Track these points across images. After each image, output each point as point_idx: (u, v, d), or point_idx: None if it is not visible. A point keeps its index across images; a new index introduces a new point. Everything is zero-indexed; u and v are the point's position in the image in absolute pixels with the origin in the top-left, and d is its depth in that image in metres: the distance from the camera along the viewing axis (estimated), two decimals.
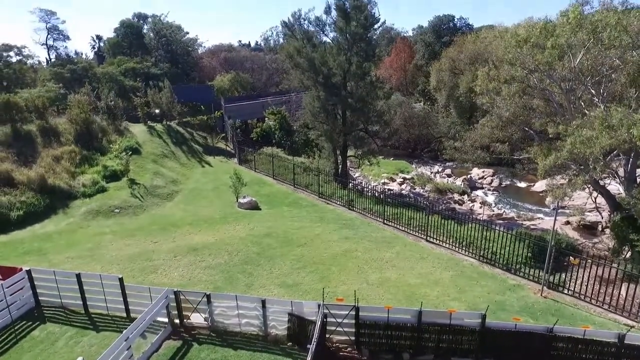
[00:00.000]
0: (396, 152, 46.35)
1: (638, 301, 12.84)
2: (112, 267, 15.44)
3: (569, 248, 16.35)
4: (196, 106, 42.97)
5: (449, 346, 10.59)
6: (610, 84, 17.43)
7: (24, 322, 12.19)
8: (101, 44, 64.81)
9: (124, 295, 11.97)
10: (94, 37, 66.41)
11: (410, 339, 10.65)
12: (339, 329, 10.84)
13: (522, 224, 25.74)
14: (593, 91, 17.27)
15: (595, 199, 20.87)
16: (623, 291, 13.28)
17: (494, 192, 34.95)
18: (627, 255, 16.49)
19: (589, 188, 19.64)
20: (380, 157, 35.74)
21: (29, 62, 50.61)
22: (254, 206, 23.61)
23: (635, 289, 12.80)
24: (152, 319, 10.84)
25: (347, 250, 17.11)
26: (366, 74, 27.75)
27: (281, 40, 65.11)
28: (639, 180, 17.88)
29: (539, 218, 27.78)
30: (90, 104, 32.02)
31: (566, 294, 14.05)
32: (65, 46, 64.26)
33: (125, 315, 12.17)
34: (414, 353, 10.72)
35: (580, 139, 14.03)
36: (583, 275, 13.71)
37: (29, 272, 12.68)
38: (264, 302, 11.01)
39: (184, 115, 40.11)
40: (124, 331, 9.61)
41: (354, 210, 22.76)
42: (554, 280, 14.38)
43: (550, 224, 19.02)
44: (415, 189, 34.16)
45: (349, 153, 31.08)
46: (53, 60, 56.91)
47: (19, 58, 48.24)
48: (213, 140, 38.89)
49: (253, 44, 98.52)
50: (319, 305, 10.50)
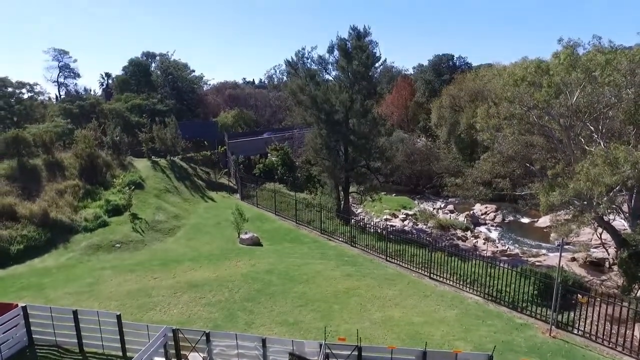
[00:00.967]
0: (398, 188, 46.41)
1: None
2: (111, 304, 15.14)
3: (576, 285, 16.00)
4: (200, 142, 43.55)
5: None
6: (608, 120, 17.68)
7: None
8: (110, 81, 66.63)
9: (121, 333, 11.66)
10: (103, 75, 68.34)
11: None
12: None
13: (527, 260, 25.35)
14: (592, 127, 17.52)
15: (600, 235, 20.65)
16: (637, 332, 12.86)
17: (498, 228, 34.65)
18: (638, 294, 16.11)
19: (593, 224, 19.49)
20: (383, 193, 35.75)
21: (39, 99, 51.86)
22: (256, 242, 23.42)
23: None
24: (149, 358, 10.51)
25: (350, 287, 16.79)
26: (368, 111, 28.24)
27: (285, 78, 66.76)
28: None
29: (543, 254, 27.38)
30: (96, 139, 32.50)
31: (576, 334, 13.60)
32: (75, 83, 66.07)
33: (121, 354, 11.81)
34: None
35: (586, 177, 14.07)
36: (593, 315, 13.32)
37: (24, 309, 12.41)
38: (264, 341, 10.70)
39: (187, 151, 40.58)
40: None
41: (356, 246, 22.52)
42: (562, 319, 13.98)
43: (555, 260, 18.74)
44: (417, 225, 33.91)
45: (351, 189, 31.15)
46: (63, 97, 58.38)
47: (30, 94, 49.54)
48: (216, 175, 39.13)
49: (257, 82, 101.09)
50: (321, 345, 10.21)
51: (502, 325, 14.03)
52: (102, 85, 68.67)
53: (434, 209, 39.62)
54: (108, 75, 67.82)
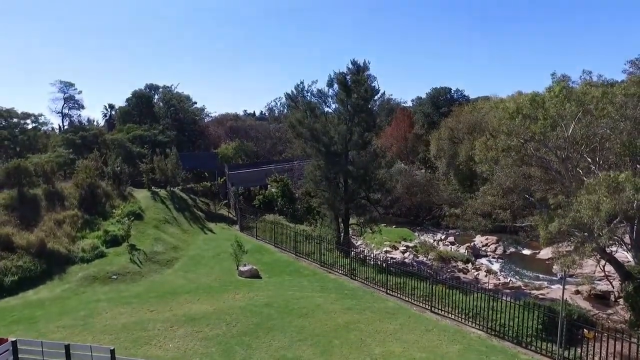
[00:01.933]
0: (398, 220, 46.23)
1: None
2: (105, 337, 14.75)
3: (581, 319, 15.65)
4: (200, 173, 43.74)
5: None
6: (604, 152, 17.87)
7: None
8: (113, 112, 67.66)
9: None
10: (107, 106, 69.47)
11: None
12: None
13: (530, 293, 24.92)
14: (589, 159, 17.67)
15: (603, 267, 20.43)
16: None
17: (499, 260, 34.27)
18: None
19: (595, 256, 19.30)
20: (383, 225, 35.60)
21: (43, 129, 52.56)
22: (255, 274, 23.11)
23: None
24: None
25: (350, 321, 16.43)
26: (367, 144, 28.54)
27: (285, 110, 67.94)
28: None
29: (546, 287, 26.96)
30: (97, 169, 32.69)
31: None
32: (79, 114, 66.98)
33: None
34: None
35: (584, 204, 14.06)
36: (601, 351, 12.96)
37: (14, 343, 12.03)
38: None
39: (187, 182, 40.69)
40: None
41: (356, 279, 22.20)
42: (569, 355, 13.59)
43: (559, 293, 18.41)
44: (418, 258, 33.56)
45: (351, 221, 31.03)
46: (66, 127, 59.10)
47: (34, 125, 50.20)
48: (216, 206, 39.07)
49: (258, 113, 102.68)
50: None
51: None
52: (105, 116, 69.71)
53: (435, 240, 39.32)
54: (111, 106, 68.97)
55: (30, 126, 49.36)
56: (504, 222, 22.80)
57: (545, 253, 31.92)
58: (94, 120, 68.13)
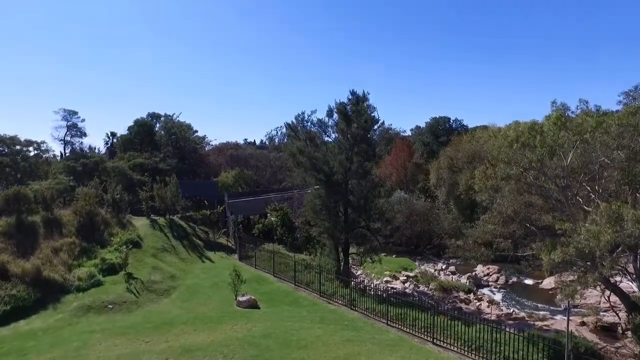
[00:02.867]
0: (398, 249, 45.81)
1: None
2: None
3: (589, 352, 15.26)
4: (200, 201, 43.68)
5: None
6: (603, 181, 17.94)
7: None
8: (114, 140, 68.33)
9: None
10: (109, 134, 70.31)
11: None
12: None
13: (534, 324, 24.37)
14: (588, 188, 17.72)
15: (608, 297, 20.07)
16: None
17: (501, 290, 33.73)
18: None
19: (600, 286, 19.01)
20: (383, 255, 35.21)
21: (44, 156, 52.86)
22: (253, 305, 22.67)
23: None
24: None
25: (349, 353, 15.98)
26: (367, 173, 28.66)
27: (285, 139, 68.58)
28: None
29: (550, 318, 26.37)
30: (96, 196, 32.66)
31: None
32: (81, 142, 67.64)
33: None
34: None
35: (585, 234, 14.00)
36: None
37: None
38: None
39: (187, 210, 40.58)
40: None
41: (356, 310, 21.76)
42: None
43: (563, 324, 18.05)
44: (419, 288, 33.04)
45: (351, 250, 30.77)
46: (67, 155, 59.50)
47: (36, 152, 50.56)
48: (215, 235, 38.79)
49: (258, 142, 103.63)
50: None
51: None
52: (107, 144, 70.42)
53: (435, 270, 38.82)
54: (113, 134, 69.79)
55: (32, 153, 49.70)
56: (506, 252, 22.61)
57: (548, 283, 31.45)
58: (95, 148, 68.87)
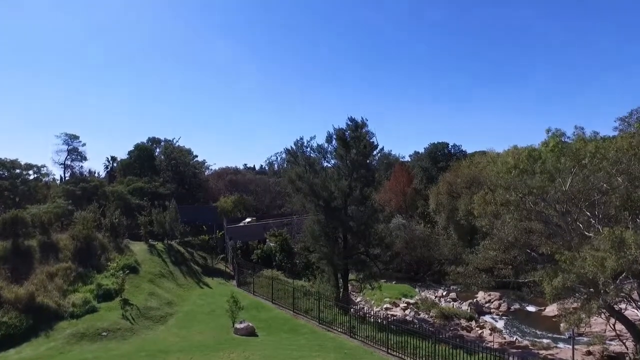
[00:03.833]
0: (398, 275, 45.21)
1: None
2: None
3: None
4: (199, 226, 43.47)
5: None
6: (603, 206, 17.94)
7: None
8: (114, 164, 68.51)
9: None
10: (109, 158, 70.56)
11: None
12: None
13: (538, 353, 23.79)
14: (588, 213, 17.69)
15: (614, 325, 19.68)
16: None
17: (503, 317, 33.10)
18: None
19: (604, 313, 18.68)
20: (382, 281, 34.81)
21: (44, 180, 52.83)
22: (251, 332, 22.19)
23: None
24: None
25: None
26: (367, 199, 28.59)
27: (285, 165, 68.91)
28: None
29: (555, 347, 25.75)
30: (95, 220, 32.49)
31: None
32: (81, 166, 67.69)
33: None
34: None
35: (589, 260, 13.86)
36: None
37: None
38: None
39: (185, 235, 40.32)
40: None
41: (355, 338, 21.27)
42: None
43: (568, 353, 17.64)
44: (419, 315, 32.45)
45: (350, 277, 30.40)
46: (67, 178, 59.51)
47: (36, 176, 50.57)
48: (213, 261, 38.41)
49: (258, 167, 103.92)
50: None
51: None
52: (107, 168, 70.58)
53: (436, 297, 38.23)
54: (114, 159, 70.04)
55: (32, 177, 49.73)
56: (507, 278, 22.35)
57: (551, 310, 30.93)
58: (95, 172, 68.94)
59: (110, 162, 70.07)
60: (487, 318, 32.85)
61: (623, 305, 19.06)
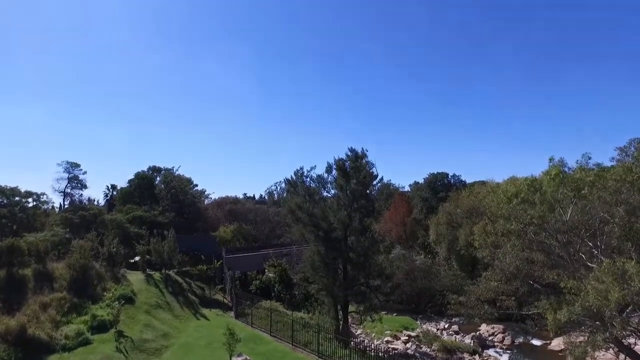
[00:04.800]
0: (399, 307, 44.34)
1: None
2: None
3: None
4: (197, 256, 43.03)
5: None
6: (605, 237, 17.82)
7: None
8: (114, 193, 68.49)
9: None
10: (109, 187, 70.69)
11: None
12: None
13: None
14: (590, 243, 17.55)
15: None
16: None
17: (507, 351, 32.17)
18: None
19: (613, 348, 18.18)
20: (383, 313, 34.11)
21: (43, 207, 52.65)
22: None
23: None
24: None
25: None
26: (367, 229, 28.40)
27: (285, 194, 68.98)
28: None
29: None
30: (92, 249, 32.19)
31: None
32: (81, 194, 67.65)
33: None
34: None
35: (592, 292, 13.62)
36: None
37: None
38: None
39: (183, 265, 39.85)
40: None
41: None
42: None
43: None
44: (421, 348, 31.59)
45: (350, 308, 29.83)
46: (66, 206, 59.34)
47: (35, 204, 50.43)
48: (211, 291, 37.79)
49: (257, 197, 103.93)
50: None
51: None
52: (107, 196, 70.60)
53: (438, 329, 37.33)
54: (114, 187, 70.19)
55: (31, 204, 49.60)
56: (510, 310, 21.92)
57: (557, 344, 30.15)
58: (94, 200, 68.95)
59: (110, 191, 70.20)
60: (491, 352, 31.96)
61: (632, 340, 18.59)
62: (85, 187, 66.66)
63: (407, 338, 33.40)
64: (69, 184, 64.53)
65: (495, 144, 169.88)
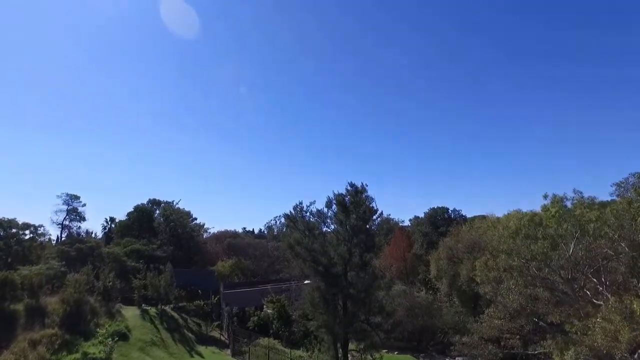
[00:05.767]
0: (400, 345, 42.97)
1: None
2: None
3: None
4: (194, 290, 42.21)
5: None
6: (609, 273, 17.54)
7: None
8: (113, 225, 68.02)
9: None
10: (107, 219, 70.34)
11: None
12: None
13: None
14: (595, 280, 17.25)
15: None
16: None
17: None
18: None
19: None
20: (384, 351, 33.03)
21: (39, 240, 52.05)
22: None
23: None
24: None
25: None
26: (367, 264, 27.98)
27: (284, 228, 68.52)
28: None
29: None
30: (87, 283, 31.59)
31: None
32: (79, 226, 67.06)
33: None
34: None
35: (600, 333, 13.21)
36: None
37: None
38: None
39: (180, 299, 39.04)
40: None
41: None
42: None
43: None
44: None
45: (351, 346, 28.91)
46: (63, 239, 58.74)
47: (31, 236, 49.93)
48: (207, 327, 36.81)
49: (257, 231, 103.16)
50: None
51: None
52: (105, 229, 70.05)
53: None
54: (112, 219, 69.83)
55: (28, 237, 49.10)
56: (515, 349, 21.22)
57: None
58: (92, 233, 68.28)
59: (109, 223, 69.81)
60: None
61: None
62: (83, 220, 66.27)
63: None
64: (67, 216, 64.20)
65: (494, 177, 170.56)
